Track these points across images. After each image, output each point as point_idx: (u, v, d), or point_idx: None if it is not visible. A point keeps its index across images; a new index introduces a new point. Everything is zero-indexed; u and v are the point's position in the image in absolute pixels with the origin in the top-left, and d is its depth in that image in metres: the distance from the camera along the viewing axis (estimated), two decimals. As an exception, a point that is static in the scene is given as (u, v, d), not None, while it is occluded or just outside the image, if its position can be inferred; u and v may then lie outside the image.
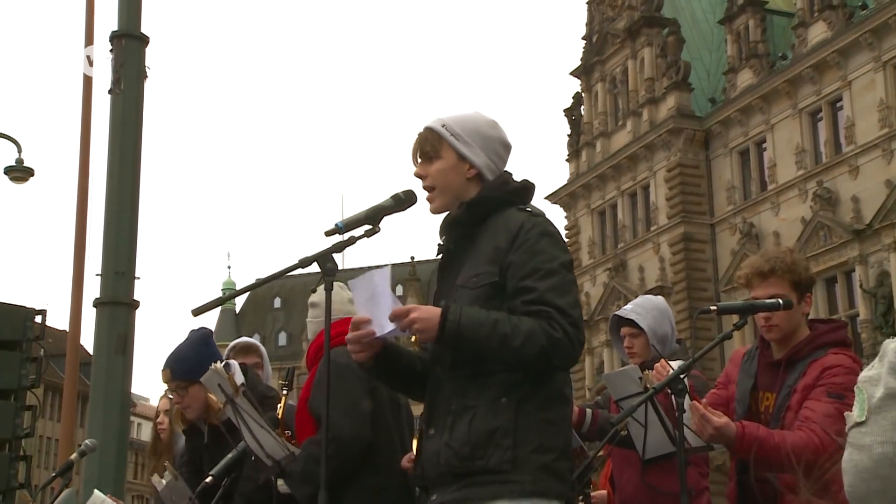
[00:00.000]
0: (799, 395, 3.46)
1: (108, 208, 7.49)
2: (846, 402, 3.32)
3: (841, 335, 3.62)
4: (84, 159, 11.58)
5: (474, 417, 2.73)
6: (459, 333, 2.69)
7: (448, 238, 2.97)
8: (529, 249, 2.79)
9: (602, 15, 38.48)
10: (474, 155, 2.94)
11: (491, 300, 2.80)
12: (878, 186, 27.37)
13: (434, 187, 2.95)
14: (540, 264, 2.77)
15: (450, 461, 2.75)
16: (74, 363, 11.83)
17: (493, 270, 2.82)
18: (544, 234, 2.83)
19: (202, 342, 4.33)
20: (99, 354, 7.20)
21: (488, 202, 2.91)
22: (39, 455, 52.71)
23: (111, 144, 7.63)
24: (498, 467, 2.68)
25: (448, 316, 2.69)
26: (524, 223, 2.84)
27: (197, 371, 4.21)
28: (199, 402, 4.25)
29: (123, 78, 7.64)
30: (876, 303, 26.99)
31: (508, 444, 2.69)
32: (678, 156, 33.71)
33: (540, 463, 2.69)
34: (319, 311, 4.27)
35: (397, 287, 62.96)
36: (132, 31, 7.74)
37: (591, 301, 36.55)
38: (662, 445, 3.47)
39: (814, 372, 3.45)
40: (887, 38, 27.90)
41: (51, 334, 13.93)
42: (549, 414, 2.75)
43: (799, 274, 3.56)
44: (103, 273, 7.32)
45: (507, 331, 2.67)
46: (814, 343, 3.54)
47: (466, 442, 2.72)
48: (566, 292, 2.76)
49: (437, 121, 3.00)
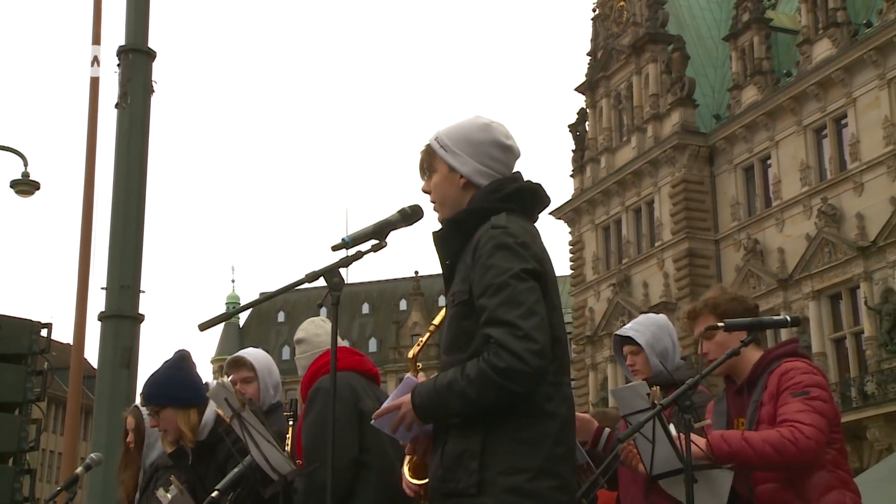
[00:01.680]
0: (767, 407, 3.65)
1: (114, 222, 7.51)
2: (812, 395, 3.58)
3: (790, 348, 3.86)
4: (90, 173, 11.61)
5: (448, 440, 2.76)
6: (427, 412, 2.76)
7: (443, 253, 2.96)
8: (483, 266, 2.77)
9: (607, 31, 38.56)
10: (461, 164, 2.93)
11: (466, 318, 2.80)
12: (883, 203, 27.34)
13: (435, 202, 2.98)
14: (491, 279, 2.73)
15: (432, 483, 2.82)
16: (78, 376, 11.82)
17: (465, 289, 2.82)
18: (497, 248, 2.77)
19: (175, 366, 4.36)
20: (104, 368, 7.21)
21: (477, 213, 2.88)
22: (42, 468, 52.66)
23: (117, 158, 7.66)
24: (465, 490, 2.69)
25: (413, 400, 2.78)
26: (481, 237, 2.81)
27: (166, 396, 4.26)
28: (172, 426, 4.27)
29: (130, 92, 7.67)
30: (881, 320, 26.91)
31: (475, 467, 2.68)
32: (682, 172, 33.71)
33: (508, 485, 2.66)
34: (307, 346, 4.39)
35: (401, 302, 62.90)
36: (139, 45, 7.78)
37: (595, 317, 36.49)
38: (670, 462, 3.46)
39: (773, 381, 3.69)
40: (892, 56, 27.92)
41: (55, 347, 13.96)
42: (524, 433, 2.71)
43: (723, 307, 3.85)
44: (108, 286, 7.34)
45: (461, 387, 2.68)
46: (767, 359, 3.79)
47: (440, 465, 2.77)
48: (517, 304, 2.68)
49: (433, 134, 3.01)
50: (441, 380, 2.75)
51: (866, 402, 26.57)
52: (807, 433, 3.47)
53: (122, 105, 7.67)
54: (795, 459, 3.48)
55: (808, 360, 3.83)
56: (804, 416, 3.51)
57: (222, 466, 4.14)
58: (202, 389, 4.32)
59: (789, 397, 3.59)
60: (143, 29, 7.82)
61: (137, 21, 7.81)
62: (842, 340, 28.77)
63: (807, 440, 3.46)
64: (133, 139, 7.63)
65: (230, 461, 4.07)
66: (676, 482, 3.50)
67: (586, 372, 36.49)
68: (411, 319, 61.57)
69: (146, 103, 7.73)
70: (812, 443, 3.47)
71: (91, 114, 11.49)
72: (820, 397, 3.60)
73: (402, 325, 60.44)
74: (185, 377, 4.33)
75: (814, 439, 3.48)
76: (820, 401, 3.58)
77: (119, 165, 7.61)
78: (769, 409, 3.63)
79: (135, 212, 7.54)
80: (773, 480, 3.62)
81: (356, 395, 4.05)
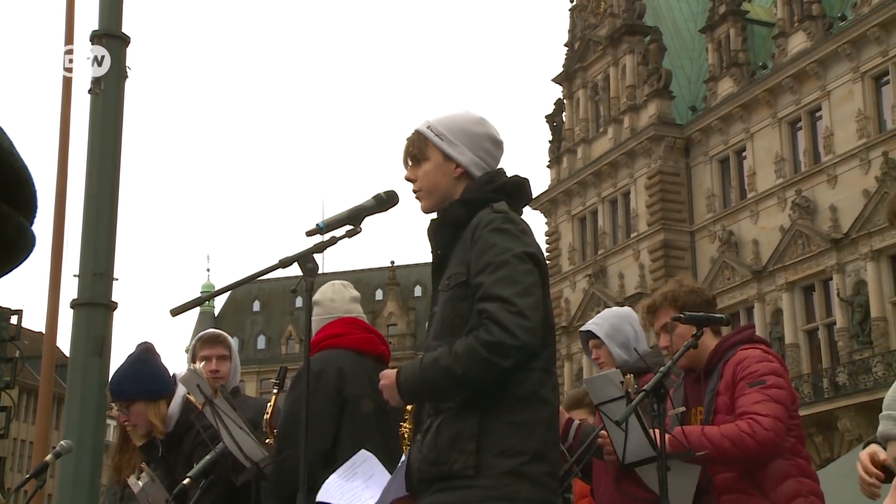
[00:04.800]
0: (723, 396, 3.67)
1: (87, 209, 7.44)
2: (768, 384, 3.59)
3: (746, 334, 3.87)
4: (63, 159, 11.49)
5: (442, 422, 2.73)
6: (410, 388, 2.73)
7: (435, 243, 2.95)
8: (483, 245, 2.76)
9: (584, 22, 38.60)
10: (459, 154, 2.93)
11: (462, 300, 2.78)
12: (856, 196, 27.57)
13: (421, 189, 2.94)
14: (490, 258, 2.73)
15: (421, 467, 2.76)
16: (50, 364, 11.71)
17: (462, 271, 2.81)
18: (498, 230, 2.78)
19: (141, 359, 4.31)
20: (76, 356, 7.14)
21: (473, 203, 2.88)
22: (13, 458, 52.27)
23: (90, 145, 7.57)
24: (461, 472, 2.66)
25: (398, 377, 2.75)
26: (482, 219, 2.81)
27: (136, 390, 4.21)
28: (143, 420, 4.23)
29: (103, 78, 7.59)
30: (853, 311, 27.18)
31: (472, 449, 2.67)
32: (658, 163, 33.84)
33: (506, 467, 2.66)
34: (320, 309, 4.20)
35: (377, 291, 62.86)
36: (113, 30, 7.69)
37: (570, 307, 36.61)
38: (643, 450, 3.47)
39: (729, 371, 3.70)
40: (866, 50, 28.13)
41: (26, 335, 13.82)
42: (520, 416, 2.71)
43: (682, 299, 3.85)
44: (81, 274, 7.26)
45: (447, 363, 2.66)
46: (722, 347, 3.80)
47: (433, 447, 2.73)
48: (515, 282, 2.69)
49: (424, 123, 2.99)
50: (427, 357, 2.73)
51: (838, 392, 26.83)
52: (765, 425, 3.50)
53: (95, 91, 7.59)
54: (755, 452, 3.50)
55: (765, 345, 3.85)
56: (761, 408, 3.53)
57: (188, 458, 4.11)
58: (169, 380, 4.29)
59: (746, 387, 3.61)
60: (117, 14, 7.74)
61: (111, 6, 7.73)
62: (814, 332, 29.03)
63: (765, 432, 3.49)
64: (106, 126, 7.55)
65: (196, 451, 4.04)
66: (649, 469, 3.51)
67: (561, 363, 36.59)
68: (387, 309, 61.53)
69: (120, 89, 7.64)
70: (771, 434, 3.50)
71: (64, 100, 11.37)
72: (776, 384, 3.61)
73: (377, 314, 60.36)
74: (151, 370, 4.29)
75: (772, 430, 3.50)
76: (776, 387, 3.60)
77: (92, 152, 7.53)
78: (725, 399, 3.66)
79: (108, 199, 7.47)
80: (730, 470, 3.65)
81: (343, 381, 3.87)
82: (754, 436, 3.48)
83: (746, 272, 30.46)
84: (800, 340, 28.95)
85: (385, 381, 2.77)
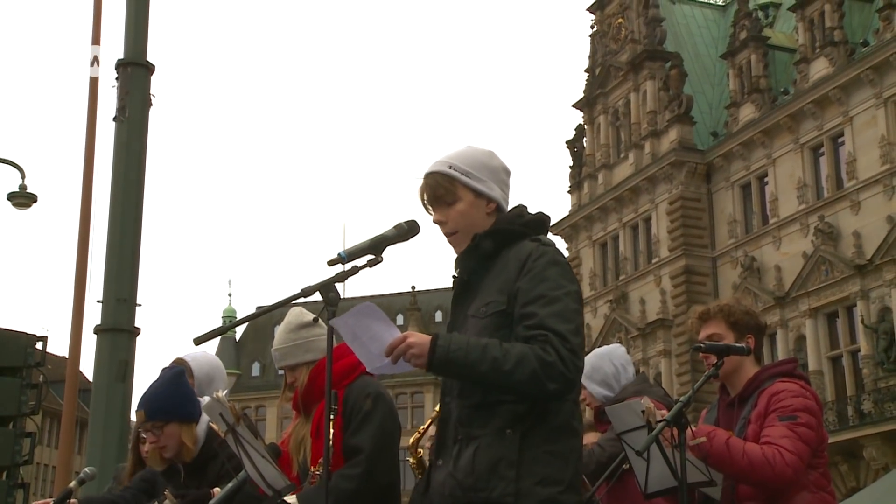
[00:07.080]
0: (754, 426, 3.67)
1: (111, 235, 7.51)
2: (799, 421, 3.58)
3: (788, 367, 3.87)
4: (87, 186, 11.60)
5: (479, 448, 2.72)
6: (449, 358, 2.68)
7: (463, 269, 2.97)
8: (536, 276, 2.80)
9: (605, 48, 38.69)
10: (489, 189, 2.97)
11: (499, 330, 2.79)
12: (880, 222, 27.39)
13: (457, 231, 2.96)
14: (545, 291, 2.77)
15: (454, 492, 2.73)
16: (73, 390, 11.77)
17: (502, 300, 2.83)
18: (552, 263, 2.84)
19: (175, 381, 4.33)
20: (99, 381, 7.19)
21: (505, 234, 2.92)
22: (36, 482, 52.44)
23: (115, 171, 7.66)
24: (501, 499, 2.66)
25: (438, 342, 2.70)
26: (532, 252, 2.86)
27: (170, 411, 4.21)
28: (174, 441, 4.23)
29: (128, 105, 7.69)
30: (878, 338, 26.90)
31: (512, 476, 2.67)
32: (680, 189, 33.77)
33: (544, 495, 2.67)
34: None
35: (398, 317, 62.83)
36: (138, 59, 7.79)
37: (591, 333, 36.46)
38: (665, 479, 3.46)
39: (763, 401, 3.69)
40: (889, 75, 28.03)
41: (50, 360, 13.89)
42: (556, 446, 2.73)
43: (736, 316, 3.85)
44: (105, 300, 7.33)
45: (498, 355, 2.67)
46: (762, 376, 3.79)
47: (470, 473, 2.71)
48: (568, 320, 2.75)
49: (440, 164, 2.99)
50: (477, 340, 2.72)
51: (863, 420, 26.54)
52: (787, 460, 3.50)
53: (120, 118, 7.68)
54: (767, 480, 3.51)
55: (805, 381, 3.83)
56: (787, 443, 3.53)
57: (213, 486, 4.12)
58: (199, 404, 4.30)
59: (776, 420, 3.61)
60: (142, 42, 7.84)
61: (136, 35, 7.83)
62: (838, 359, 28.76)
63: (785, 466, 3.49)
64: (131, 152, 7.64)
65: (221, 481, 4.03)
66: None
67: (583, 388, 36.42)
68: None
69: (144, 117, 7.74)
70: (789, 470, 3.50)
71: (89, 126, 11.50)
72: (807, 424, 3.60)
73: (398, 340, 60.36)
74: (185, 392, 4.31)
75: (791, 467, 3.50)
76: (806, 427, 3.59)
77: (117, 178, 7.62)
78: (755, 428, 3.65)
79: (132, 225, 7.54)
80: (755, 498, 3.63)
81: None
82: (774, 466, 3.47)
83: (769, 298, 30.25)
84: (823, 367, 28.68)
85: (415, 340, 2.71)
